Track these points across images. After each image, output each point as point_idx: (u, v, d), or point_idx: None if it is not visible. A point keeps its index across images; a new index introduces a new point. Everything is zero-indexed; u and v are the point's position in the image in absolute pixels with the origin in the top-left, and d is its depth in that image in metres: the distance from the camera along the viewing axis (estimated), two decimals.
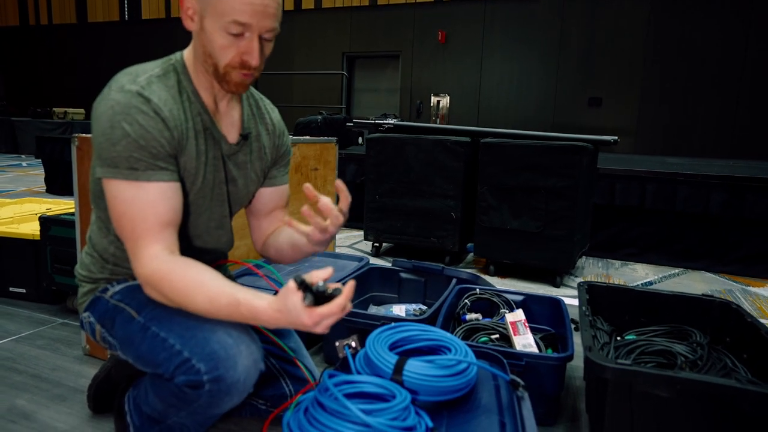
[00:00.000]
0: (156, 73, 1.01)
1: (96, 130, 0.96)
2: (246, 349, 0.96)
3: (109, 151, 0.94)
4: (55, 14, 12.75)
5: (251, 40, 0.98)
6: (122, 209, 0.96)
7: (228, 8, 0.93)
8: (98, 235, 1.13)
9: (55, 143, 5.73)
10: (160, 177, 0.97)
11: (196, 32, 1.01)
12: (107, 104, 0.95)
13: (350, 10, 9.76)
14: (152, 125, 0.95)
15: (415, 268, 2.32)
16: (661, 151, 7.81)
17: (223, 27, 0.95)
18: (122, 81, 0.97)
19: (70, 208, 2.82)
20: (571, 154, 2.84)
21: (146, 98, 0.95)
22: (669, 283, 3.13)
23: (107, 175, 0.95)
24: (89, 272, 1.16)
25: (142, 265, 0.95)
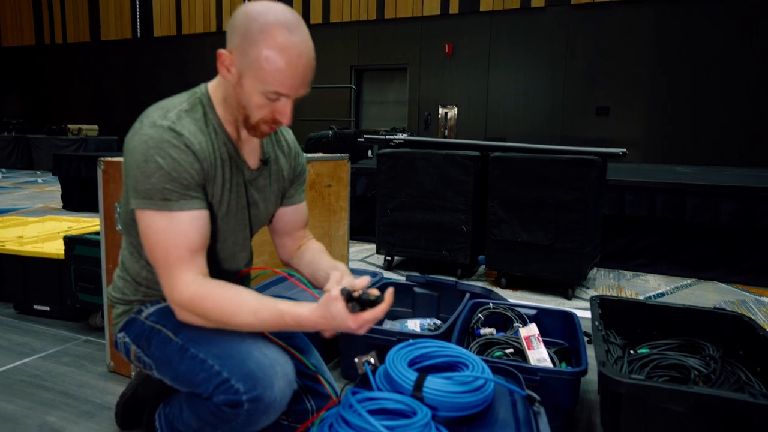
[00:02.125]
0: (184, 107, 1.06)
1: (130, 163, 1.01)
2: (281, 369, 1.01)
3: (144, 184, 0.99)
4: (70, 33, 13.03)
5: (286, 104, 1.04)
6: (156, 239, 1.00)
7: (270, 79, 0.99)
8: (130, 259, 1.18)
9: (72, 160, 5.85)
10: (191, 206, 1.02)
11: (232, 84, 1.04)
12: (141, 139, 1.00)
13: (358, 24, 9.89)
14: (184, 158, 1.00)
15: (428, 282, 2.36)
16: (669, 160, 7.81)
17: (263, 92, 1.01)
18: (154, 116, 1.03)
19: (91, 226, 2.90)
20: (580, 168, 2.88)
21: (178, 132, 1.01)
22: (681, 294, 3.14)
23: (141, 206, 1.00)
24: (123, 294, 1.21)
25: (179, 292, 1.00)
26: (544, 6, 8.51)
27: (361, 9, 9.86)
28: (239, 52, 1.00)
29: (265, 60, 0.98)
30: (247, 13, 1.00)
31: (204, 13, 11.35)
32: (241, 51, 1.00)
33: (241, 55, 1.00)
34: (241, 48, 1.00)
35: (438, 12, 9.25)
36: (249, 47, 0.99)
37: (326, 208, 2.72)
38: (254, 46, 0.98)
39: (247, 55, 0.99)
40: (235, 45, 1.01)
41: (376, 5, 9.73)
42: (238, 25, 1.01)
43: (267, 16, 0.98)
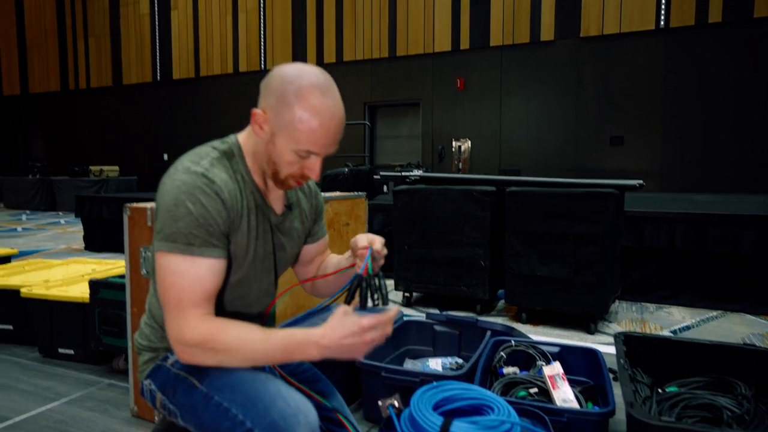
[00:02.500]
0: (216, 155, 1.10)
1: (161, 206, 1.04)
2: (304, 418, 1.01)
3: (170, 227, 1.01)
4: (93, 78, 13.53)
5: (316, 161, 1.09)
6: (172, 280, 1.02)
7: (304, 139, 1.04)
8: (157, 306, 1.20)
9: (94, 202, 5.99)
10: (212, 253, 1.05)
11: (264, 141, 1.09)
12: (174, 183, 1.03)
13: (370, 62, 10.13)
14: (213, 205, 1.03)
15: (448, 320, 2.35)
16: (686, 188, 7.74)
17: (295, 151, 1.06)
18: (187, 163, 1.06)
19: (114, 269, 2.95)
20: (597, 201, 2.88)
21: (210, 179, 1.04)
22: (707, 327, 3.07)
23: (163, 249, 1.02)
24: (149, 341, 1.23)
25: (189, 329, 1.01)
26: (554, 39, 8.65)
27: (373, 47, 10.11)
28: (274, 112, 1.05)
29: (299, 121, 1.02)
30: (283, 76, 1.05)
31: (221, 56, 11.73)
32: (276, 111, 1.04)
33: (276, 115, 1.05)
34: (277, 109, 1.04)
35: (449, 48, 9.45)
36: (284, 108, 1.03)
37: (345, 246, 2.74)
38: (289, 108, 1.03)
39: (282, 116, 1.04)
40: (270, 105, 1.05)
41: (388, 43, 9.98)
42: (274, 87, 1.05)
43: (302, 80, 1.03)
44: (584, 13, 8.40)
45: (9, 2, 14.65)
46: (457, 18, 9.34)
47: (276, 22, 11.04)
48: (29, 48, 14.47)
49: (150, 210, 1.85)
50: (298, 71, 1.05)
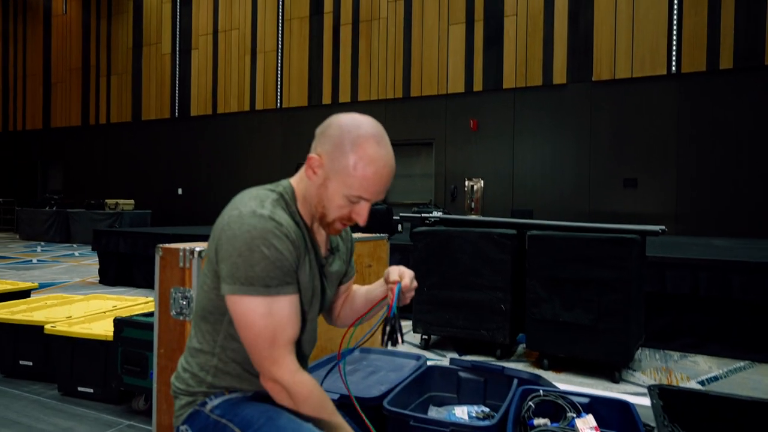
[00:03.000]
0: (275, 197, 1.13)
1: (229, 251, 1.05)
2: None
3: (246, 271, 1.03)
4: (113, 114, 13.89)
5: (365, 206, 1.12)
6: (263, 323, 1.04)
7: (357, 185, 1.08)
8: (201, 348, 1.20)
9: (110, 236, 6.05)
10: (288, 291, 1.07)
11: (316, 185, 1.12)
12: (244, 228, 1.04)
13: (384, 102, 10.33)
14: (285, 247, 1.06)
15: (474, 367, 2.31)
16: (702, 232, 7.68)
17: (347, 196, 1.09)
18: (252, 205, 1.08)
19: (135, 305, 2.96)
20: (620, 246, 2.86)
21: (278, 222, 1.06)
22: (736, 378, 2.99)
23: (239, 292, 1.04)
24: (187, 385, 1.22)
25: (287, 371, 1.06)
26: (566, 83, 8.79)
27: (387, 87, 10.33)
28: (330, 157, 1.09)
29: (354, 168, 1.06)
30: (341, 125, 1.09)
31: (238, 94, 12.03)
32: (332, 157, 1.08)
33: (332, 160, 1.08)
34: (333, 154, 1.08)
35: (462, 89, 9.63)
36: (341, 155, 1.07)
37: None
38: (346, 155, 1.07)
39: (338, 161, 1.07)
40: (327, 151, 1.09)
41: (402, 84, 10.20)
42: (332, 134, 1.09)
43: (360, 129, 1.08)
44: (596, 58, 8.57)
45: (39, 42, 15.23)
46: (470, 60, 9.56)
47: (293, 62, 11.35)
48: (54, 84, 14.94)
49: (182, 251, 1.87)
50: (356, 121, 1.10)
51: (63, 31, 14.80)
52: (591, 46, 8.61)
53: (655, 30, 8.18)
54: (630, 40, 8.35)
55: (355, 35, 10.67)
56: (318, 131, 1.13)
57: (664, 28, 8.12)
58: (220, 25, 12.28)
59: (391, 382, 2.09)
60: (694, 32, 7.94)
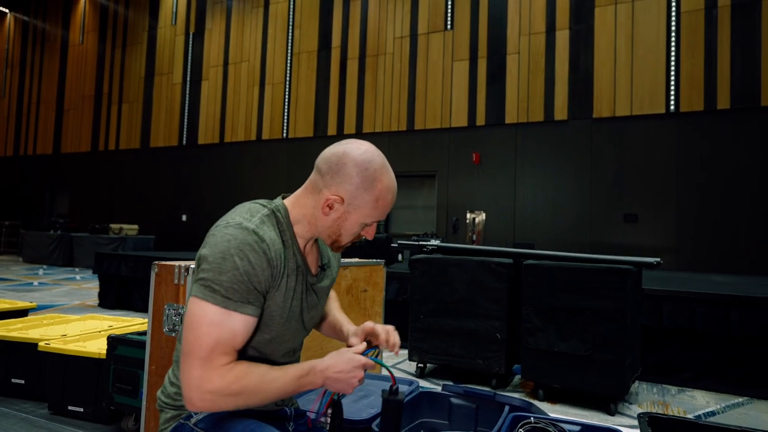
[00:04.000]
0: (266, 213, 1.15)
1: (207, 257, 1.07)
2: None
3: (215, 277, 1.04)
4: (123, 141, 14.15)
5: (374, 225, 1.22)
6: (208, 330, 1.04)
7: (377, 214, 1.17)
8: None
9: (112, 259, 6.08)
10: (246, 311, 1.07)
11: (332, 218, 1.17)
12: (225, 237, 1.07)
13: (388, 135, 10.50)
14: (259, 263, 1.07)
15: (465, 393, 2.30)
16: (702, 268, 7.65)
17: (364, 223, 1.18)
18: (239, 218, 1.11)
19: (131, 326, 2.97)
20: (615, 277, 2.87)
21: (260, 237, 1.08)
22: (734, 414, 2.94)
23: (200, 296, 1.04)
24: (173, 399, 1.23)
25: (220, 376, 1.03)
26: (567, 119, 8.93)
27: (392, 120, 10.51)
28: (350, 195, 1.14)
29: (375, 200, 1.15)
30: (356, 162, 1.14)
31: (245, 123, 12.26)
32: (353, 195, 1.14)
33: (353, 198, 1.14)
34: (354, 194, 1.14)
35: (465, 123, 9.79)
36: (363, 193, 1.14)
37: (362, 312, 2.75)
38: (368, 192, 1.14)
39: (361, 199, 1.15)
40: (346, 190, 1.14)
41: (406, 117, 10.38)
42: (350, 173, 1.14)
43: (374, 163, 1.15)
44: (596, 96, 8.73)
45: (54, 71, 15.66)
46: (474, 95, 9.75)
47: (300, 94, 11.60)
48: (66, 111, 15.28)
49: (178, 268, 1.90)
50: (367, 155, 1.15)
51: (78, 60, 15.23)
52: (591, 84, 8.78)
53: (653, 71, 8.35)
54: (629, 80, 8.52)
55: (362, 69, 10.93)
56: (326, 166, 1.16)
57: (662, 70, 8.28)
58: (230, 57, 12.61)
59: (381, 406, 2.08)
60: (691, 74, 8.09)
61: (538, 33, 9.26)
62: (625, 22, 8.60)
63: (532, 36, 9.32)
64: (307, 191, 1.20)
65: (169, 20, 13.66)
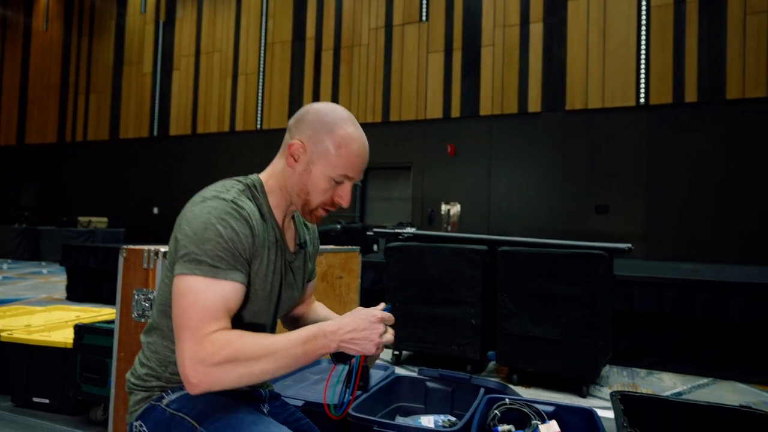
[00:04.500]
0: (241, 187, 1.13)
1: (186, 231, 1.03)
2: None
3: (196, 248, 1.00)
4: (90, 132, 13.74)
5: (346, 187, 1.15)
6: (194, 299, 0.98)
7: (342, 164, 1.11)
8: (161, 343, 1.16)
9: (81, 251, 5.92)
10: (236, 277, 1.03)
11: (298, 172, 1.13)
12: (203, 209, 1.04)
13: (364, 126, 10.31)
14: (242, 230, 1.04)
15: (441, 377, 2.30)
16: (671, 257, 7.86)
17: (332, 177, 1.12)
18: (214, 192, 1.09)
19: (99, 316, 2.88)
20: (588, 262, 2.92)
21: (240, 206, 1.06)
22: (699, 393, 3.03)
23: (186, 271, 1.00)
24: (143, 381, 1.19)
25: (211, 342, 0.95)
26: (540, 111, 9.04)
27: (368, 112, 10.47)
28: (312, 141, 1.11)
29: (338, 146, 1.10)
30: (317, 111, 1.13)
31: (218, 115, 12.05)
32: (315, 140, 1.11)
33: (315, 144, 1.11)
34: (315, 137, 1.11)
35: (440, 115, 9.81)
36: (324, 135, 1.10)
37: (337, 299, 2.73)
38: (328, 136, 1.10)
39: (322, 143, 1.11)
40: (308, 136, 1.12)
41: (381, 108, 10.35)
42: (310, 120, 1.12)
43: (336, 112, 1.13)
44: (569, 88, 8.85)
45: (17, 59, 15.09)
46: (448, 87, 9.78)
47: (274, 85, 11.45)
48: (30, 101, 14.76)
49: (147, 252, 1.85)
50: (330, 105, 1.14)
51: (43, 49, 14.71)
52: (564, 77, 8.89)
53: (624, 64, 8.50)
54: (602, 73, 8.66)
55: (337, 60, 10.84)
56: (292, 122, 1.16)
57: (633, 63, 8.44)
58: (202, 46, 12.36)
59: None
60: (660, 67, 8.27)
61: (513, 25, 9.33)
62: (598, 15, 8.73)
63: (506, 28, 9.38)
64: (279, 155, 1.18)
65: (138, 8, 13.29)
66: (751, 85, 7.74)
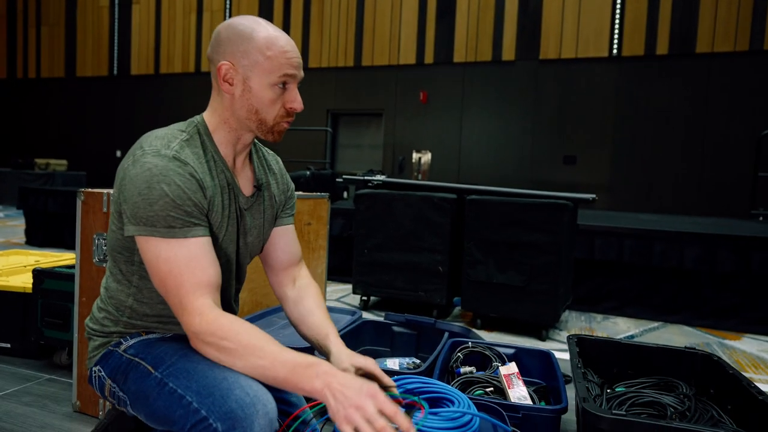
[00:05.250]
0: (184, 137, 1.07)
1: (131, 190, 1.00)
2: (263, 408, 0.95)
3: (146, 211, 0.98)
4: (44, 68, 12.94)
5: (292, 90, 1.10)
6: (167, 268, 0.99)
7: (277, 65, 1.06)
8: (116, 288, 1.15)
9: (39, 195, 5.70)
10: (196, 233, 1.01)
11: (238, 95, 1.08)
12: (144, 166, 0.99)
13: (335, 71, 10.15)
14: (189, 186, 1.01)
15: (407, 321, 2.36)
16: (633, 208, 8.11)
17: (274, 82, 1.07)
18: (156, 145, 1.03)
19: (59, 261, 2.81)
20: (553, 212, 2.98)
21: (183, 161, 1.02)
22: (650, 336, 3.21)
23: (143, 233, 0.99)
24: (101, 326, 1.17)
25: (199, 315, 0.96)
26: (514, 60, 8.94)
27: (339, 56, 10.15)
28: (239, 55, 1.06)
29: (267, 48, 1.05)
30: (228, 26, 1.08)
31: (183, 54, 11.48)
32: (241, 53, 1.06)
33: (242, 56, 1.06)
34: (240, 50, 1.06)
35: (413, 61, 9.59)
36: (246, 47, 1.05)
37: (306, 246, 2.72)
38: (250, 44, 1.05)
39: (249, 54, 1.05)
40: (231, 51, 1.06)
41: (353, 52, 10.04)
42: (228, 36, 1.07)
43: (247, 19, 1.08)
44: (544, 36, 8.74)
45: None
46: (422, 32, 9.52)
47: None
48: None
49: (107, 195, 1.79)
50: (238, 18, 1.10)
51: None
52: (539, 25, 8.75)
53: (599, 13, 8.40)
54: (576, 20, 8.55)
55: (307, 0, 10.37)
56: (210, 51, 1.11)
57: (608, 12, 8.36)
58: None
59: None
60: (634, 17, 8.22)
61: None
62: None
63: None
64: (214, 90, 1.13)
65: None
66: (720, 39, 7.80)
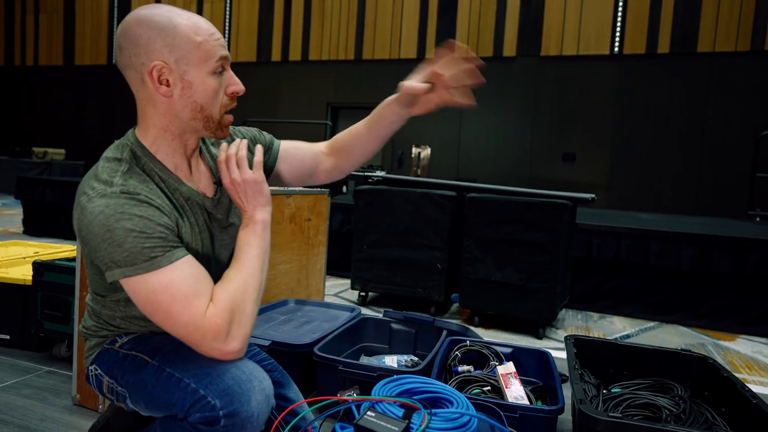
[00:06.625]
0: (123, 169, 1.01)
1: (93, 240, 0.94)
2: (258, 384, 0.99)
3: (119, 253, 0.93)
4: (42, 56, 12.85)
5: (230, 72, 1.07)
6: (164, 298, 0.94)
7: (210, 50, 1.01)
8: (100, 309, 1.15)
9: (36, 185, 5.69)
10: (178, 254, 0.97)
11: (177, 95, 1.02)
12: (94, 212, 0.93)
13: (335, 64, 10.11)
14: (150, 213, 0.96)
15: (405, 318, 2.38)
16: (631, 207, 8.13)
17: (212, 70, 1.02)
18: (98, 187, 0.97)
19: (59, 252, 2.81)
20: (553, 211, 2.99)
21: (132, 193, 0.96)
22: (645, 336, 3.24)
23: (129, 274, 0.94)
24: (98, 326, 1.18)
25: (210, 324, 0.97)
26: (515, 56, 8.92)
27: (339, 49, 10.11)
28: (166, 52, 0.99)
29: (193, 36, 1.00)
30: (142, 19, 1.00)
31: None
32: (168, 49, 0.99)
33: (171, 52, 0.99)
34: (166, 47, 0.99)
35: (414, 55, 9.56)
36: (172, 39, 0.99)
37: (305, 241, 2.73)
38: (177, 33, 0.99)
39: (176, 47, 0.99)
40: (157, 49, 0.99)
41: (354, 46, 10.00)
42: (145, 32, 0.99)
43: (158, 8, 1.02)
44: (545, 33, 8.71)
45: None
46: (424, 27, 9.48)
47: (242, 15, 10.86)
48: None
49: None
50: (146, 10, 1.02)
51: None
52: (541, 21, 8.73)
53: (602, 10, 8.38)
54: (578, 18, 8.52)
55: None
56: (124, 58, 1.02)
57: (610, 9, 8.33)
58: None
59: (323, 331, 2.12)
60: (636, 15, 8.20)
61: None
62: None
63: None
64: (141, 101, 1.06)
65: None
66: (722, 38, 7.79)
